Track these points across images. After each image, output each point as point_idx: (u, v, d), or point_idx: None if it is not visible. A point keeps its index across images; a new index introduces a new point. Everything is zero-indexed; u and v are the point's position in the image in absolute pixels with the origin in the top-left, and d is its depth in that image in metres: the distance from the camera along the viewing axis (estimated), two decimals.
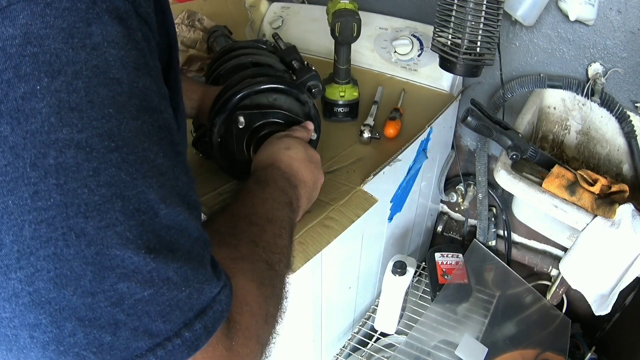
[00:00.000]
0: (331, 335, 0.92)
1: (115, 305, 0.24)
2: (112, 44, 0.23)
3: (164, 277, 0.25)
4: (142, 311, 0.24)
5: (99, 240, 0.23)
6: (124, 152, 0.23)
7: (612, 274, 0.71)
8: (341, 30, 0.76)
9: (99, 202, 0.23)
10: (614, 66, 0.87)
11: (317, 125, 0.67)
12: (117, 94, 0.23)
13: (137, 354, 0.24)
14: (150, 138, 0.25)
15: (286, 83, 0.61)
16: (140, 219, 0.24)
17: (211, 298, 0.28)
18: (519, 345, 0.96)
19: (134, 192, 0.24)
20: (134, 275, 0.24)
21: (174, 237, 0.26)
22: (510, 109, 1.02)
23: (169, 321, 0.25)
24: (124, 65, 0.24)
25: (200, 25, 1.14)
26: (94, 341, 0.23)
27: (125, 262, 0.24)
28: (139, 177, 0.24)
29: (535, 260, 1.17)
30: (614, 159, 0.91)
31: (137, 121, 0.24)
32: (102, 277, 0.23)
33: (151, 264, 0.24)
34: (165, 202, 0.25)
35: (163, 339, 0.25)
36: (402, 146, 0.80)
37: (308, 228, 0.62)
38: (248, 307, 0.33)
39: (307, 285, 0.72)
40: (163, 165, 0.26)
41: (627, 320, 1.04)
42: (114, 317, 0.24)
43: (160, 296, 0.25)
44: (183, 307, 0.26)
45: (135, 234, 0.24)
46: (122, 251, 0.23)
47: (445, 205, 1.32)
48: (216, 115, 0.60)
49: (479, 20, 0.72)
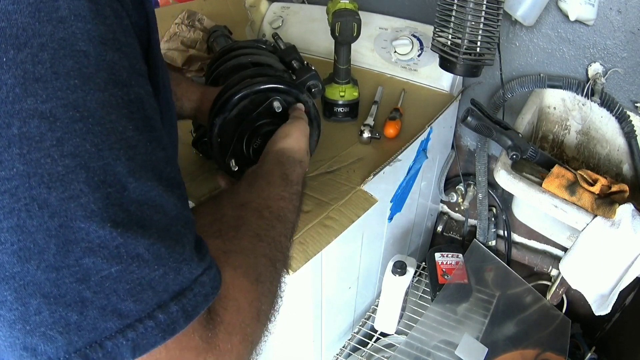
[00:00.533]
0: (331, 335, 0.92)
1: (81, 281, 0.23)
2: (79, 17, 0.23)
3: (133, 254, 0.24)
4: (109, 289, 0.23)
5: (62, 212, 0.22)
6: (89, 123, 0.23)
7: (612, 274, 0.71)
8: (341, 30, 0.76)
9: (63, 172, 0.22)
10: (614, 66, 0.87)
11: (317, 125, 0.67)
12: (84, 66, 0.23)
13: (106, 335, 0.23)
14: (118, 110, 0.25)
15: (286, 83, 0.61)
16: (105, 192, 0.23)
17: (191, 279, 0.27)
18: (519, 345, 0.96)
19: (100, 164, 0.23)
20: (99, 250, 0.23)
21: (145, 212, 0.25)
22: (510, 109, 1.02)
23: (140, 301, 0.24)
24: (90, 39, 0.24)
25: (200, 25, 1.14)
26: (60, 320, 0.23)
27: (90, 236, 0.23)
28: (105, 149, 0.24)
29: (535, 260, 1.17)
30: (614, 159, 0.91)
31: (104, 93, 0.24)
32: (66, 251, 0.23)
33: (118, 238, 0.24)
34: (135, 176, 0.25)
35: (134, 320, 0.24)
36: (402, 146, 0.80)
37: (308, 228, 0.62)
38: (235, 302, 0.31)
39: (307, 285, 0.72)
40: (133, 139, 0.25)
41: (627, 320, 1.03)
42: (80, 294, 0.23)
43: (130, 274, 0.24)
44: (156, 287, 0.25)
45: (100, 207, 0.23)
46: (87, 224, 0.23)
47: (445, 205, 1.32)
48: (216, 115, 0.60)
49: (479, 20, 0.72)
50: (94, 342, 0.23)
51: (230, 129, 0.61)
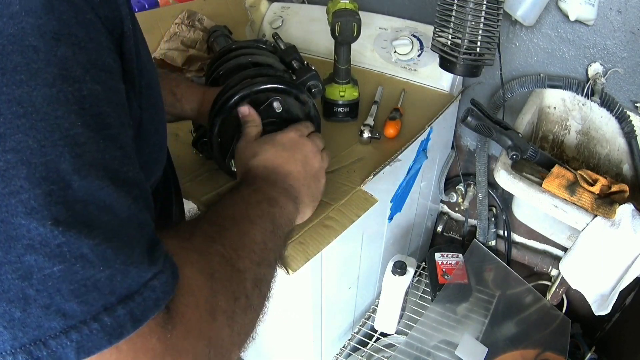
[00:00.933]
0: (331, 335, 0.92)
1: (24, 278, 0.23)
2: (30, 12, 0.23)
3: (76, 254, 0.24)
4: (52, 288, 0.23)
5: (3, 207, 0.22)
6: (32, 119, 0.23)
7: (612, 274, 0.71)
8: (341, 30, 0.76)
9: (4, 167, 0.22)
10: (614, 66, 0.87)
11: (317, 125, 0.67)
12: (32, 61, 0.23)
13: (50, 334, 0.23)
14: (67, 107, 0.24)
15: (286, 83, 0.61)
16: (47, 189, 0.23)
17: (140, 283, 0.26)
18: (519, 345, 0.96)
19: (42, 160, 0.23)
20: (41, 248, 0.23)
21: (92, 212, 0.25)
22: (510, 109, 1.02)
23: (84, 303, 0.24)
24: (41, 34, 0.23)
25: (200, 25, 1.14)
26: (4, 314, 0.23)
27: (32, 233, 0.23)
28: (48, 145, 0.23)
29: (535, 260, 1.17)
30: (614, 159, 0.91)
31: (52, 89, 0.24)
32: (8, 247, 0.22)
33: (60, 237, 0.23)
34: (80, 174, 0.24)
35: (78, 321, 0.24)
36: (402, 146, 0.80)
37: (308, 228, 0.62)
38: (193, 298, 0.31)
39: (307, 285, 0.72)
40: (81, 136, 0.25)
41: (627, 320, 1.04)
42: (23, 291, 0.23)
43: (73, 274, 0.23)
44: (102, 289, 0.24)
45: (40, 204, 0.23)
46: (27, 220, 0.23)
47: (445, 205, 1.32)
48: (216, 115, 0.60)
49: (479, 20, 0.72)
50: (38, 340, 0.23)
51: (230, 129, 0.61)
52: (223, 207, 0.44)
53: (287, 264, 0.58)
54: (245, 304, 0.36)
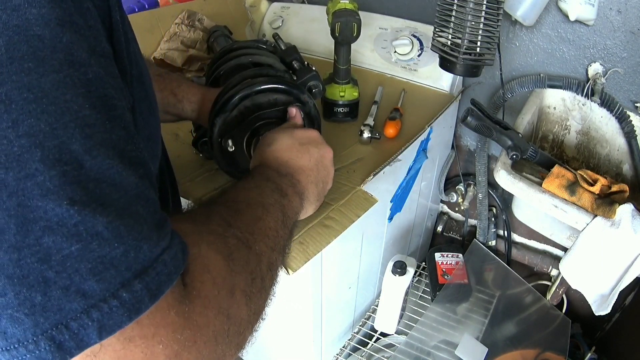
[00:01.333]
0: (331, 335, 0.92)
1: (43, 261, 0.23)
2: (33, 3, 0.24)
3: (92, 232, 0.24)
4: (71, 268, 0.23)
5: (19, 191, 0.23)
6: (43, 103, 0.23)
7: (612, 274, 0.71)
8: (341, 30, 0.77)
9: (18, 152, 0.23)
10: (614, 66, 0.87)
11: (317, 125, 0.67)
12: (38, 49, 0.24)
13: (71, 316, 0.23)
14: (74, 90, 0.25)
15: (286, 83, 0.61)
16: (61, 170, 0.24)
17: (152, 258, 0.27)
18: (519, 345, 0.96)
19: (55, 142, 0.24)
20: (58, 229, 0.23)
21: (104, 190, 0.25)
22: (510, 109, 1.02)
23: (103, 280, 0.24)
24: (46, 23, 0.24)
25: (200, 25, 1.14)
26: (25, 301, 0.23)
27: (49, 214, 0.23)
28: (60, 128, 0.24)
29: (535, 260, 1.17)
30: (614, 159, 0.91)
31: (59, 74, 0.24)
32: (26, 230, 0.23)
33: (76, 216, 0.24)
34: (91, 154, 0.25)
35: (98, 299, 0.24)
36: (402, 146, 0.80)
37: (308, 228, 0.62)
38: (210, 275, 0.32)
39: (307, 285, 0.72)
40: (90, 117, 0.25)
41: (627, 320, 1.04)
42: (43, 274, 0.23)
43: (90, 252, 0.24)
44: (119, 266, 0.25)
45: (56, 185, 0.23)
46: (44, 202, 0.23)
47: (445, 205, 1.32)
48: (216, 115, 0.60)
49: (479, 20, 0.72)
50: (60, 324, 0.23)
51: (231, 129, 0.61)
52: (237, 192, 0.45)
53: (287, 264, 0.58)
54: (260, 285, 0.37)
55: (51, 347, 0.23)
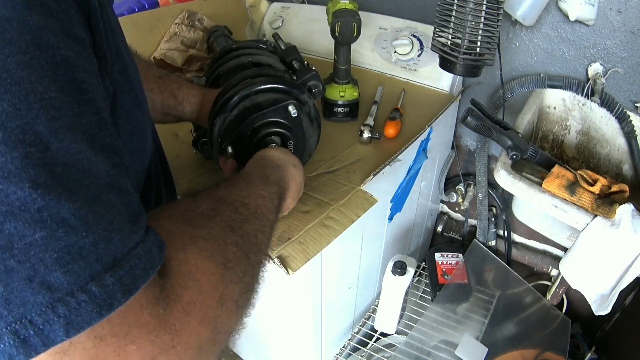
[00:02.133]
0: (331, 335, 0.92)
1: (4, 249, 0.21)
2: None
3: (57, 218, 0.23)
4: (35, 257, 0.22)
5: None
6: (7, 84, 0.23)
7: (612, 274, 0.71)
8: (341, 30, 0.77)
9: None
10: (614, 66, 0.87)
11: (317, 125, 0.67)
12: (6, 31, 0.23)
13: (35, 310, 0.22)
14: (40, 72, 0.24)
15: (286, 83, 0.61)
16: (25, 151, 0.22)
17: (125, 251, 0.25)
18: (519, 345, 0.96)
19: (18, 123, 0.22)
20: (20, 214, 0.22)
21: (72, 176, 0.24)
22: (510, 109, 1.02)
23: (70, 272, 0.22)
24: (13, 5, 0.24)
25: (200, 25, 1.14)
26: None
27: (10, 198, 0.22)
28: (24, 108, 0.23)
29: (535, 260, 1.17)
30: (614, 159, 0.91)
31: (25, 55, 0.24)
32: None
33: (39, 200, 0.22)
34: (58, 137, 0.24)
35: (64, 293, 0.22)
36: (402, 146, 0.80)
37: (308, 228, 0.62)
38: (197, 283, 0.30)
39: (307, 285, 0.72)
40: (57, 99, 0.24)
41: (627, 320, 1.04)
42: (4, 263, 0.21)
43: (56, 241, 0.22)
44: (87, 257, 0.23)
45: (18, 166, 0.22)
46: (5, 185, 0.22)
47: (445, 205, 1.32)
48: (216, 115, 0.60)
49: (479, 20, 0.72)
50: (24, 318, 0.22)
51: (231, 129, 0.61)
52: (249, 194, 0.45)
53: (287, 264, 0.58)
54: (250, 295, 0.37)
55: (15, 342, 0.22)
